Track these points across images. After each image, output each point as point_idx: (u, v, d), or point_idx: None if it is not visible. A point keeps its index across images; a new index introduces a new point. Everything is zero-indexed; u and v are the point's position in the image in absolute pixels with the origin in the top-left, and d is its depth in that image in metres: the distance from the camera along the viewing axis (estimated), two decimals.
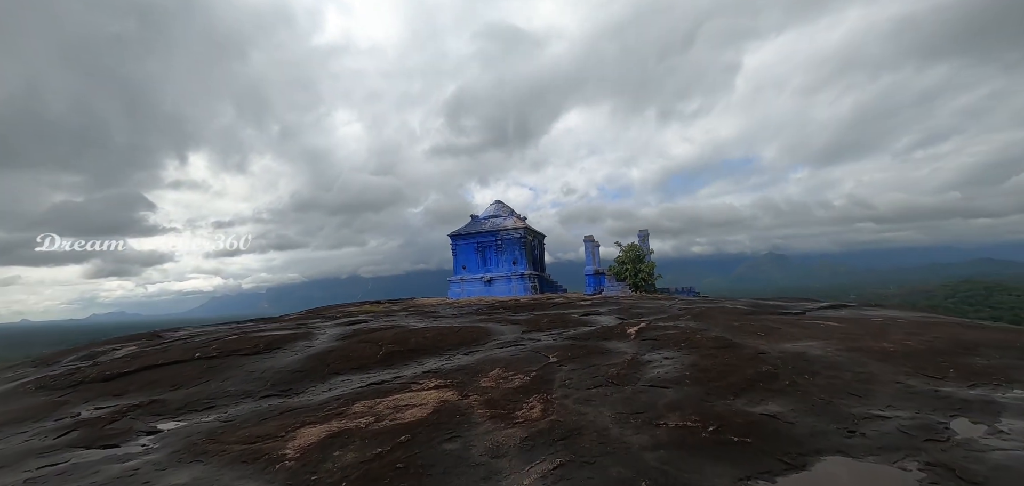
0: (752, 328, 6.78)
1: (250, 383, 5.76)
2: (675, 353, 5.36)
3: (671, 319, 8.15)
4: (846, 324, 7.20)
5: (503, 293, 26.12)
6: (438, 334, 7.40)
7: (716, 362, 4.81)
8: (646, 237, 22.74)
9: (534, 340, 6.81)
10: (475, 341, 6.98)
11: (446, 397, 4.24)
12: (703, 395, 3.92)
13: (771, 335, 6.27)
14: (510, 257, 26.99)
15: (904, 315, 9.14)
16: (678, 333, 6.37)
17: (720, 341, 5.80)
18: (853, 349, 5.34)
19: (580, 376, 4.66)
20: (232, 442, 3.64)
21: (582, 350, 5.76)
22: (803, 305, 11.81)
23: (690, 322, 7.57)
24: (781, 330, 6.62)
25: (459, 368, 5.29)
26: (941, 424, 3.18)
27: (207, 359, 7.06)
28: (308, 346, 7.49)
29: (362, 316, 12.64)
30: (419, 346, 6.79)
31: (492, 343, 6.85)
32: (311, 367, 6.17)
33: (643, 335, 6.56)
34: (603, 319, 8.97)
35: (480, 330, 7.72)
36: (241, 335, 8.70)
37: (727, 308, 9.88)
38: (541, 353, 5.77)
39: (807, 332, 6.44)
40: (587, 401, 3.95)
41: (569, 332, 7.41)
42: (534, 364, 5.23)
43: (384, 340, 7.19)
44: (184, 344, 8.65)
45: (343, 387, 5.17)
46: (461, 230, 28.90)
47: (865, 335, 6.18)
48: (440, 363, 5.76)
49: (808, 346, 5.51)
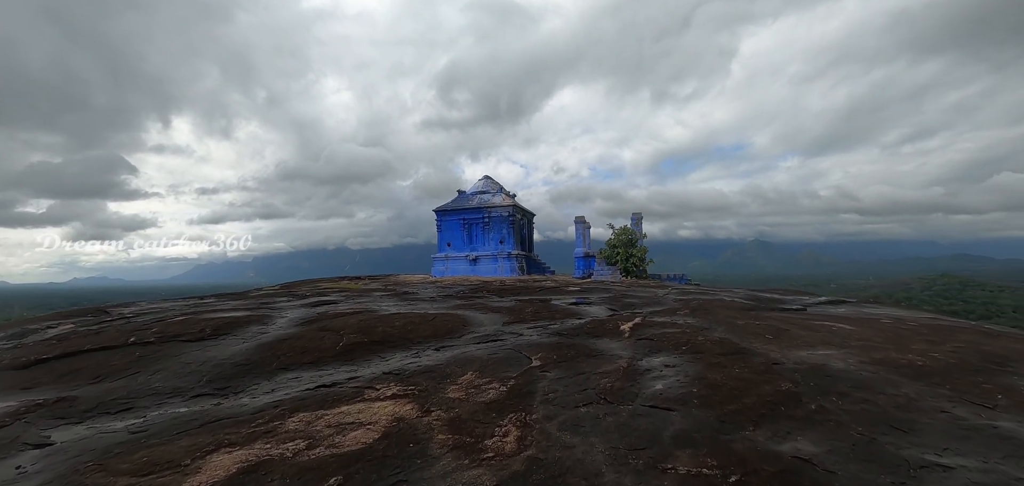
0: (758, 329, 6.11)
1: (183, 378, 4.94)
2: (677, 359, 4.65)
3: (668, 313, 7.46)
4: (857, 327, 6.57)
5: (489, 273, 25.35)
6: (409, 323, 6.61)
7: (726, 375, 4.10)
8: (639, 220, 22.01)
9: (516, 334, 6.06)
10: (450, 333, 6.22)
11: (403, 413, 3.47)
12: (716, 423, 3.20)
13: (781, 339, 5.60)
14: (497, 235, 26.12)
15: (911, 316, 8.59)
16: (678, 333, 5.66)
17: (726, 346, 5.10)
18: (877, 362, 4.67)
19: (567, 387, 3.92)
20: (122, 472, 2.83)
21: (569, 351, 5.02)
22: (801, 299, 11.25)
23: (689, 319, 6.88)
24: (790, 332, 5.95)
25: (426, 370, 4.52)
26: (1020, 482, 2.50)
27: (142, 345, 6.20)
28: (262, 332, 6.65)
29: (334, 295, 11.79)
30: (386, 337, 6.00)
31: (469, 336, 6.09)
32: (259, 359, 5.36)
33: (638, 333, 5.85)
34: (593, 310, 8.27)
35: (457, 319, 6.95)
36: (190, 316, 7.82)
37: (726, 302, 9.23)
38: (523, 353, 5.02)
39: (819, 336, 5.78)
40: (575, 426, 3.21)
41: (555, 326, 6.67)
42: (514, 368, 4.48)
43: (347, 328, 6.38)
44: (125, 324, 7.73)
45: (288, 388, 4.38)
46: (447, 205, 27.87)
47: (883, 342, 5.53)
48: (405, 361, 4.99)
49: (826, 356, 4.84)
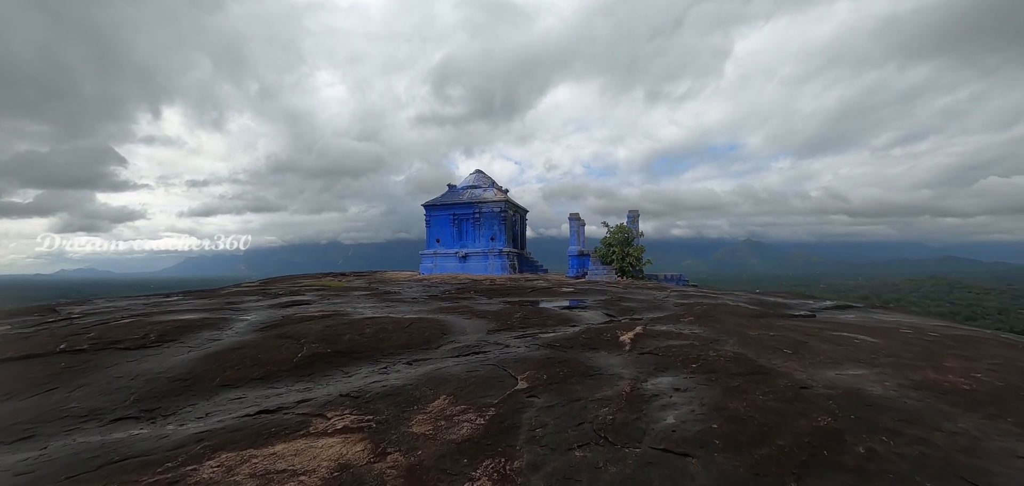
0: (773, 341, 5.44)
1: (108, 395, 4.17)
2: (688, 381, 3.95)
3: (671, 321, 6.78)
4: (879, 338, 5.92)
5: (479, 271, 24.59)
6: (381, 330, 5.87)
7: (749, 404, 3.42)
8: (636, 218, 21.34)
9: (501, 346, 5.34)
10: (426, 343, 5.49)
11: (351, 456, 2.74)
12: (748, 477, 2.51)
13: (801, 354, 4.93)
14: (488, 232, 25.35)
15: (925, 323, 8.00)
16: (686, 346, 4.98)
17: (743, 363, 4.42)
18: (918, 385, 4.01)
19: (558, 420, 3.21)
20: None
21: (562, 368, 4.31)
22: (807, 304, 10.66)
23: (695, 328, 6.21)
24: (809, 346, 5.30)
25: (391, 392, 3.79)
26: None
27: (72, 354, 5.40)
28: (214, 339, 5.88)
29: (311, 294, 11.01)
30: (353, 347, 5.26)
31: (448, 347, 5.36)
32: (201, 373, 4.60)
33: (640, 345, 5.15)
34: (588, 316, 7.57)
35: (436, 326, 6.21)
36: (139, 318, 7.02)
37: (731, 307, 8.58)
38: (507, 370, 4.31)
39: (842, 351, 5.13)
40: (568, 479, 2.51)
41: (546, 335, 5.97)
42: (495, 391, 3.77)
43: (310, 335, 5.63)
44: (66, 327, 6.91)
45: (225, 413, 3.63)
46: (436, 200, 27.01)
47: (914, 359, 4.88)
48: (370, 379, 4.26)
49: (859, 377, 4.18)
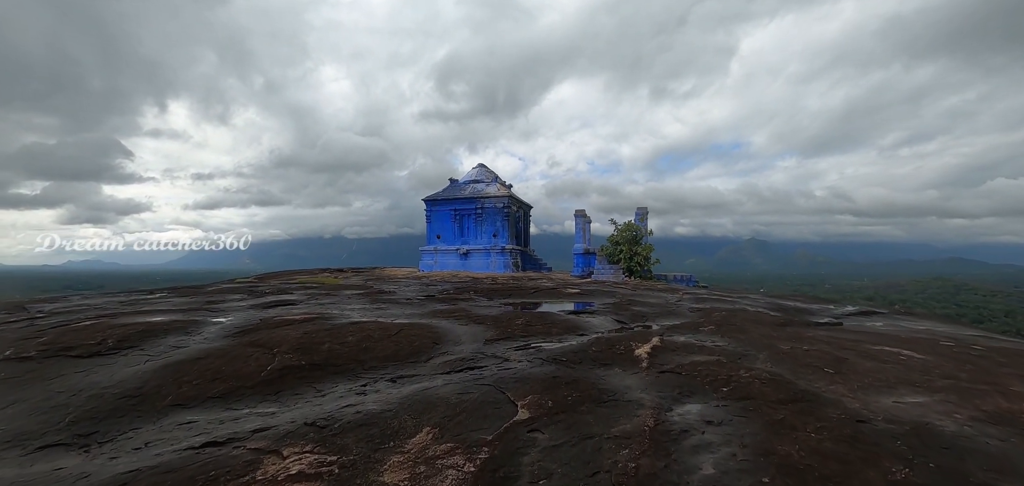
0: (808, 357, 4.78)
1: (42, 415, 3.58)
2: (721, 410, 3.31)
3: (689, 329, 6.13)
4: (925, 353, 5.24)
5: (481, 268, 23.94)
6: (366, 338, 5.25)
7: (802, 445, 2.77)
8: (644, 216, 20.59)
9: (500, 360, 4.70)
10: (415, 354, 4.86)
11: None
12: None
13: (845, 373, 4.28)
14: (491, 228, 24.66)
15: (960, 333, 7.33)
16: (712, 363, 4.33)
17: (782, 386, 3.77)
18: (993, 417, 3.35)
19: (567, 467, 2.57)
20: None
21: (570, 392, 3.68)
22: (829, 310, 9.97)
23: (717, 338, 5.55)
24: (850, 362, 4.64)
25: (365, 420, 3.16)
26: None
27: (18, 361, 4.81)
28: (178, 345, 5.28)
29: (300, 293, 10.41)
30: (331, 358, 4.64)
31: (439, 359, 4.73)
32: (154, 388, 3.99)
33: (659, 361, 4.51)
34: (598, 322, 6.93)
35: (428, 334, 5.59)
36: (102, 320, 6.43)
37: (751, 313, 7.91)
38: (506, 393, 3.67)
39: (890, 370, 4.47)
40: None
41: (551, 345, 5.32)
42: (490, 422, 3.14)
43: (286, 344, 5.02)
44: (26, 327, 6.34)
45: (167, 444, 3.02)
46: (438, 195, 26.32)
47: (974, 380, 4.22)
48: (343, 402, 3.63)
49: (921, 407, 3.51)
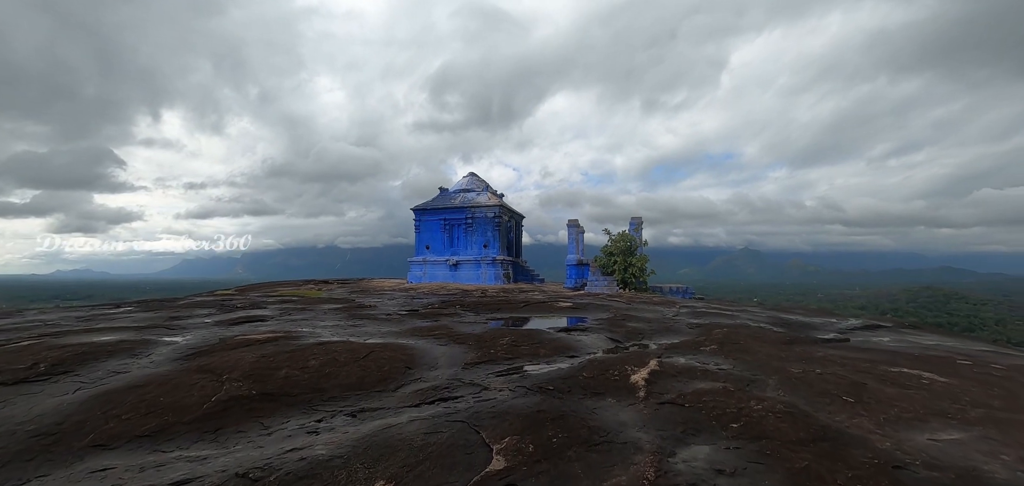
0: (825, 382, 4.27)
1: None
2: (734, 454, 2.78)
3: (690, 349, 5.60)
4: (947, 375, 4.75)
5: (471, 280, 23.30)
6: (330, 361, 4.67)
7: None
8: (639, 226, 20.09)
9: (478, 389, 4.14)
10: (383, 381, 4.28)
11: None
12: None
13: (867, 402, 3.77)
14: (481, 238, 24.05)
15: (972, 349, 6.88)
16: (717, 392, 3.80)
17: (801, 421, 3.25)
18: None
19: None
20: None
21: (556, 431, 3.13)
22: (832, 324, 9.51)
23: (721, 360, 5.03)
24: (871, 388, 4.13)
25: (308, 471, 2.59)
26: None
27: None
28: (119, 370, 4.67)
29: (275, 306, 9.78)
30: (287, 386, 4.06)
31: (409, 388, 4.16)
32: (74, 425, 3.39)
33: (659, 390, 3.97)
34: (590, 340, 6.38)
35: (401, 356, 5.01)
36: (43, 339, 5.81)
37: (753, 329, 7.41)
38: (481, 432, 3.12)
39: (916, 397, 3.96)
40: None
41: (538, 370, 4.77)
42: (458, 474, 2.58)
43: (240, 368, 4.43)
44: None
45: None
46: (427, 204, 25.65)
47: (1010, 408, 3.71)
48: (288, 444, 3.05)
49: (961, 445, 3.00)
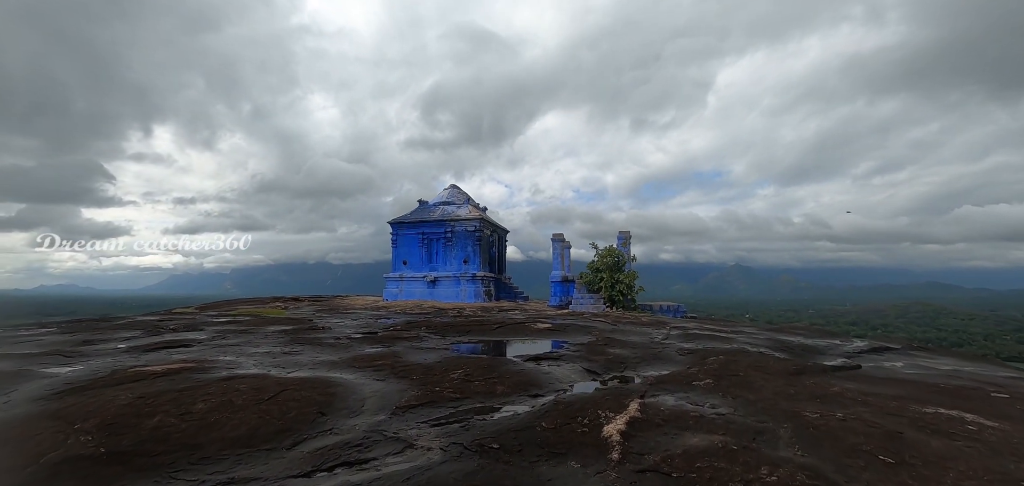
0: (852, 433, 3.32)
1: None
2: None
3: (680, 384, 4.64)
4: (990, 417, 3.84)
5: (450, 297, 22.12)
6: (223, 405, 3.64)
7: None
8: (627, 240, 19.15)
9: (401, 445, 3.13)
10: (281, 433, 3.27)
11: None
12: None
13: (911, 462, 2.83)
14: (461, 254, 22.91)
15: (996, 375, 6.08)
16: (717, 451, 2.84)
17: None
18: None
19: None
20: None
21: None
22: (838, 347, 8.65)
23: (717, 399, 4.08)
24: (910, 441, 3.20)
25: None
26: None
27: None
28: None
29: (216, 328, 8.70)
30: (149, 442, 3.02)
31: (312, 443, 3.15)
32: None
33: (637, 448, 3.00)
34: (562, 372, 5.39)
35: (316, 398, 3.98)
36: None
37: (753, 354, 6.46)
38: None
39: (965, 450, 3.04)
40: None
41: (488, 417, 3.76)
42: None
43: (102, 413, 3.38)
44: None
45: None
46: (405, 217, 24.45)
47: None
48: None
49: None
